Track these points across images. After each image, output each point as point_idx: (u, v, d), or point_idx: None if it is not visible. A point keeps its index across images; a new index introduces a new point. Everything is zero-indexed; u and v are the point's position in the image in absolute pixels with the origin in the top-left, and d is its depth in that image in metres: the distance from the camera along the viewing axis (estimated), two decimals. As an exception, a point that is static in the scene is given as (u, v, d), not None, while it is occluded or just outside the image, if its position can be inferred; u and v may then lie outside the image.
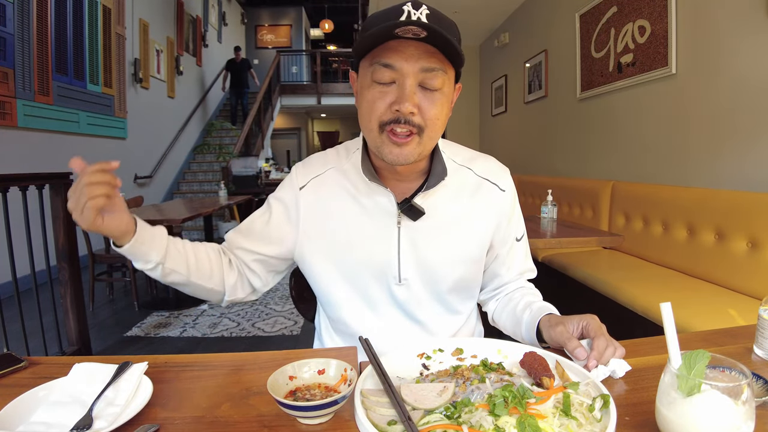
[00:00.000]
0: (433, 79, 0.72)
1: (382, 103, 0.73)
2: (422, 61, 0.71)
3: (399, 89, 0.72)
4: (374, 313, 0.88)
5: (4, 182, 1.91)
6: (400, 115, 0.72)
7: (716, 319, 1.68)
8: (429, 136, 0.75)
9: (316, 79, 10.76)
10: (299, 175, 0.89)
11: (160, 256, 0.77)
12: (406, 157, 0.74)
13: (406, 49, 0.70)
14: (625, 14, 2.94)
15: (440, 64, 0.72)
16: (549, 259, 2.84)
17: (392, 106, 0.72)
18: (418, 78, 0.72)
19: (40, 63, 4.13)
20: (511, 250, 0.93)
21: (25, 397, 0.59)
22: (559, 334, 0.73)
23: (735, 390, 0.47)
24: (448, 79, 0.75)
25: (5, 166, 3.56)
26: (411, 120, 0.72)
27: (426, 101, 0.73)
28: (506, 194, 0.89)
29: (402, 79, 0.72)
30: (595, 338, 0.70)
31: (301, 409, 0.54)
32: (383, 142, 0.75)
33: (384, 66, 0.72)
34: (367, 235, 0.84)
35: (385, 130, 0.74)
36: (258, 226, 0.89)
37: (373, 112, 0.74)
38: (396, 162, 0.75)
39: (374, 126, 0.75)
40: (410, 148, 0.74)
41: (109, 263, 3.51)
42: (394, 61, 0.71)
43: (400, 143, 0.73)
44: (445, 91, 0.74)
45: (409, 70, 0.71)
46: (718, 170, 2.27)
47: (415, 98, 0.72)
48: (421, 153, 0.76)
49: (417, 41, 0.69)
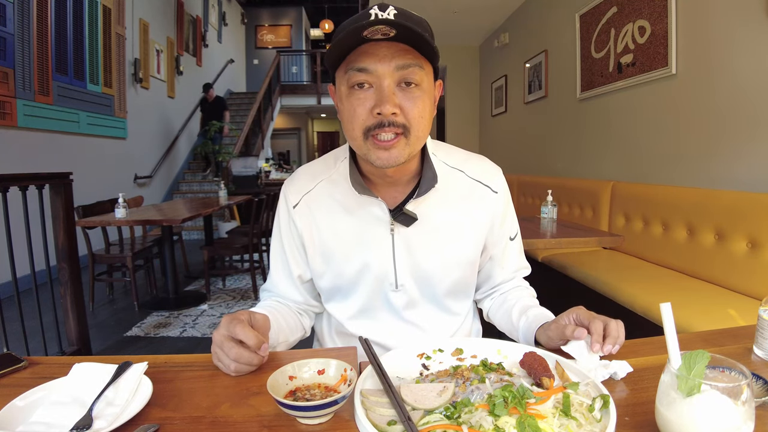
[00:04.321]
0: (410, 76, 0.71)
1: (362, 110, 0.72)
2: (396, 60, 0.70)
3: (377, 92, 0.71)
4: (372, 319, 0.89)
5: (4, 182, 1.91)
6: (383, 118, 0.70)
7: (716, 320, 1.68)
8: (416, 136, 0.74)
9: (316, 79, 10.77)
10: (290, 194, 0.89)
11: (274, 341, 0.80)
12: (395, 159, 0.73)
13: (379, 51, 0.69)
14: (625, 14, 2.94)
15: (415, 59, 0.71)
16: (549, 260, 2.84)
17: (373, 111, 0.71)
18: (395, 77, 0.70)
19: (40, 63, 4.13)
20: (505, 249, 0.93)
21: (25, 397, 0.59)
22: (554, 330, 0.74)
23: (735, 390, 0.47)
24: (426, 74, 0.73)
25: (5, 166, 3.56)
26: (394, 121, 0.71)
27: (407, 100, 0.71)
28: (499, 196, 0.89)
29: (379, 81, 0.70)
30: (591, 323, 0.70)
31: (300, 409, 0.54)
32: (369, 149, 0.73)
33: (358, 71, 0.70)
34: (362, 245, 0.84)
35: (369, 136, 0.72)
36: (281, 264, 0.91)
37: (356, 119, 0.72)
38: (386, 165, 0.73)
39: (358, 134, 0.73)
40: (398, 150, 0.73)
41: (109, 263, 3.51)
42: (368, 64, 0.70)
43: (388, 147, 0.72)
44: (424, 87, 0.73)
45: (384, 71, 0.70)
46: (718, 170, 2.27)
47: (394, 98, 0.70)
48: (411, 153, 0.75)
49: (389, 41, 0.68)
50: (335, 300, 0.91)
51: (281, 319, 0.86)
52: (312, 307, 0.95)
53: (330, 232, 0.85)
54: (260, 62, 11.97)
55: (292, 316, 0.91)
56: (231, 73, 10.56)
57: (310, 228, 0.87)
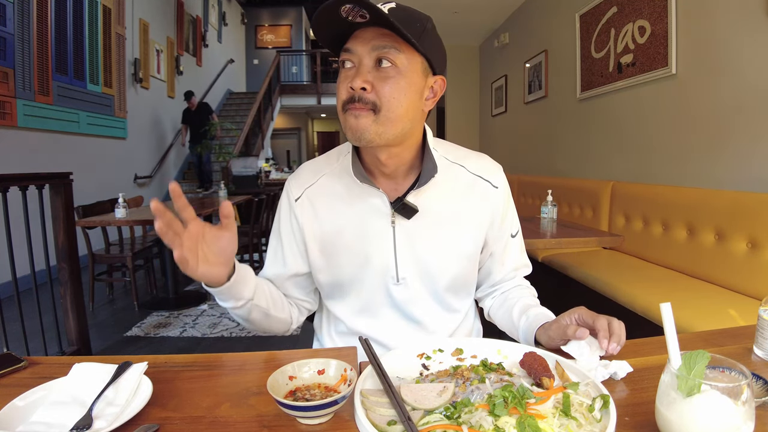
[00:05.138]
0: (385, 55, 0.74)
1: (343, 86, 0.76)
2: (374, 41, 0.74)
3: (355, 70, 0.75)
4: (373, 314, 0.89)
5: (4, 182, 1.91)
6: (353, 92, 0.74)
7: (716, 320, 1.68)
8: (386, 116, 0.74)
9: (316, 79, 10.77)
10: (292, 188, 0.90)
11: (251, 293, 0.79)
12: (362, 132, 0.74)
13: (364, 34, 0.75)
14: (625, 14, 2.94)
15: (393, 42, 0.73)
16: (549, 260, 2.84)
17: (348, 87, 0.75)
18: (372, 56, 0.74)
19: (40, 63, 4.13)
20: (506, 246, 0.93)
21: (25, 397, 0.59)
22: (555, 330, 0.74)
23: (735, 390, 0.47)
24: (407, 59, 0.75)
25: (5, 166, 3.56)
26: (363, 97, 0.74)
27: (380, 80, 0.74)
28: (499, 191, 0.89)
29: (358, 60, 0.75)
30: (595, 321, 0.71)
31: (300, 409, 0.54)
32: (345, 121, 0.76)
33: (344, 51, 0.77)
34: (363, 237, 0.84)
35: (345, 110, 0.76)
36: (278, 255, 0.91)
37: (339, 96, 0.77)
38: (354, 138, 0.76)
39: (340, 108, 0.77)
40: (366, 121, 0.74)
41: (109, 263, 3.52)
42: (352, 45, 0.76)
43: (357, 114, 0.74)
44: (400, 69, 0.74)
45: (363, 51, 0.74)
46: (718, 170, 2.27)
47: (367, 75, 0.74)
48: (381, 134, 0.75)
49: (375, 27, 0.73)
50: (335, 296, 0.91)
51: (266, 287, 0.86)
52: (303, 302, 0.94)
53: (331, 225, 0.86)
54: (260, 62, 11.97)
55: (280, 296, 0.90)
56: (231, 73, 10.56)
57: (311, 221, 0.87)
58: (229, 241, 0.71)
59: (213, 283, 0.72)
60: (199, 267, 0.68)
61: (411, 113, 0.77)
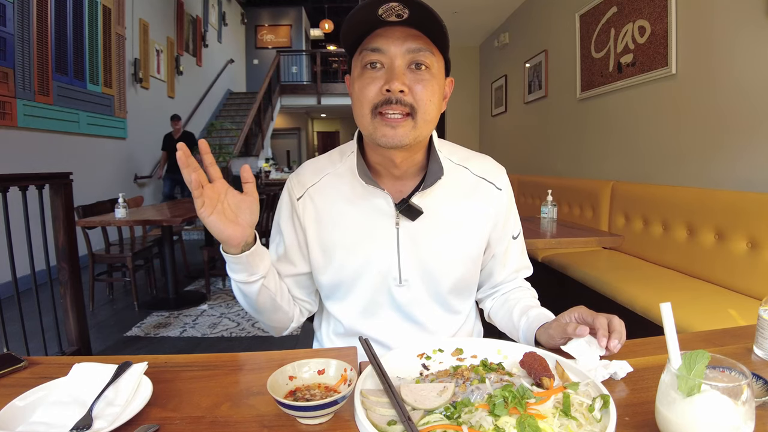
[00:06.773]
0: (421, 58, 0.73)
1: (373, 88, 0.73)
2: (408, 42, 0.72)
3: (388, 71, 0.73)
4: (374, 315, 0.88)
5: (4, 182, 1.91)
6: (391, 95, 0.72)
7: (716, 319, 1.68)
8: (423, 119, 0.75)
9: (316, 79, 10.77)
10: (294, 187, 0.89)
11: (265, 271, 0.79)
12: (400, 139, 0.73)
13: (393, 33, 0.73)
14: (625, 14, 2.94)
15: (426, 45, 0.73)
16: (549, 260, 2.84)
17: (383, 88, 0.73)
18: (406, 59, 0.73)
19: (40, 63, 4.13)
20: (507, 248, 0.93)
21: (25, 397, 0.59)
22: (556, 329, 0.74)
23: (735, 390, 0.47)
24: (437, 61, 0.75)
25: (5, 166, 3.56)
26: (402, 99, 0.72)
27: (416, 82, 0.73)
28: (503, 193, 0.89)
29: (390, 62, 0.73)
30: (595, 320, 0.71)
31: (300, 409, 0.54)
32: (376, 127, 0.74)
33: (372, 51, 0.73)
34: (367, 238, 0.84)
35: (377, 114, 0.74)
36: (279, 254, 0.90)
37: (365, 97, 0.74)
38: (390, 144, 0.74)
39: (366, 111, 0.74)
40: (404, 129, 0.73)
41: (109, 263, 3.52)
42: (381, 44, 0.73)
43: (394, 124, 0.73)
44: (434, 72, 0.75)
45: (396, 51, 0.73)
46: (718, 170, 2.27)
47: (404, 78, 0.73)
48: (416, 137, 0.75)
49: (402, 26, 0.72)
50: (336, 297, 0.90)
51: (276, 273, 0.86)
52: (304, 302, 0.94)
53: (333, 225, 0.85)
54: (260, 62, 11.96)
55: (286, 289, 0.89)
56: (231, 73, 10.56)
57: (313, 221, 0.86)
58: (250, 205, 0.72)
59: (227, 242, 0.72)
60: (212, 215, 0.69)
61: (438, 114, 0.78)
